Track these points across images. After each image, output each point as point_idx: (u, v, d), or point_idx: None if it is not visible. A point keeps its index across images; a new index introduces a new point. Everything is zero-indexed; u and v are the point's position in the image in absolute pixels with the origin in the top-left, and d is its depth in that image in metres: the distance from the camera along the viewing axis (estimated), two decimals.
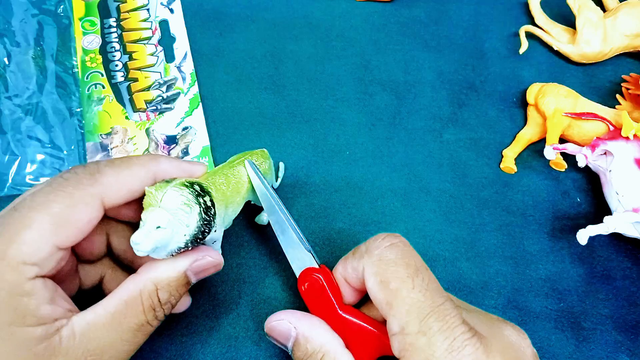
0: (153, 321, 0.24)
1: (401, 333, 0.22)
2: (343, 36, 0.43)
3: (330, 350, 0.24)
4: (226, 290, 0.32)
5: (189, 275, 0.25)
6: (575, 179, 0.38)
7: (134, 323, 0.23)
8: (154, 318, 0.24)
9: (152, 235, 0.23)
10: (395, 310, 0.23)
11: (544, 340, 0.32)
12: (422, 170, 0.38)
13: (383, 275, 0.24)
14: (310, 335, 0.25)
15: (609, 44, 0.42)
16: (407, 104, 0.41)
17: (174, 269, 0.25)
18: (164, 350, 0.30)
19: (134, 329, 0.23)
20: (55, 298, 0.23)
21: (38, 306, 0.22)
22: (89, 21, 0.41)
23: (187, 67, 0.40)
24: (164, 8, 0.43)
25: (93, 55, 0.40)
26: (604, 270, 0.35)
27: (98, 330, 0.23)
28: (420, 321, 0.22)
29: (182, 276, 0.25)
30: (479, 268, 0.34)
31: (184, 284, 0.25)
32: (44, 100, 0.38)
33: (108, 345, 0.23)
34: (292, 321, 0.26)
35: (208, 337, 0.31)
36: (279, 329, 0.26)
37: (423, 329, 0.22)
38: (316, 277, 0.27)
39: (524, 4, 0.47)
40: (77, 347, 0.22)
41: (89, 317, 0.23)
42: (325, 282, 0.27)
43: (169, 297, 0.25)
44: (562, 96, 0.38)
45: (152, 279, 0.24)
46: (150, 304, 0.24)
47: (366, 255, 0.25)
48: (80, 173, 0.24)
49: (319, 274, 0.27)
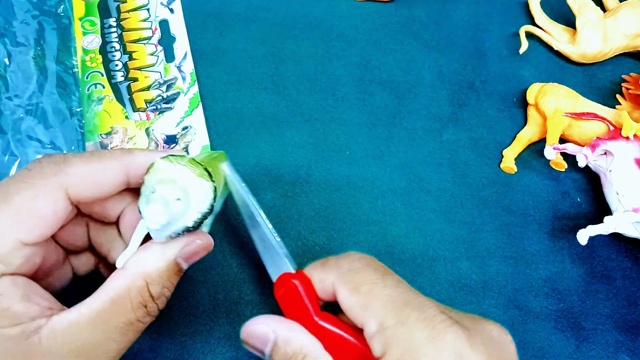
0: (144, 318, 0.23)
1: (380, 330, 0.22)
2: (343, 36, 0.43)
3: (311, 352, 0.24)
4: (226, 290, 0.32)
5: (179, 262, 0.24)
6: (575, 179, 0.38)
7: (122, 322, 0.22)
8: (145, 314, 0.23)
9: (171, 206, 0.22)
10: (370, 310, 0.23)
11: (544, 340, 0.32)
12: (422, 170, 0.38)
13: (353, 282, 0.24)
14: (289, 337, 0.24)
15: (609, 44, 0.42)
16: (407, 104, 0.41)
17: (164, 258, 0.23)
18: (164, 350, 0.30)
19: (123, 328, 0.22)
20: (30, 296, 0.21)
21: (9, 306, 0.20)
22: (89, 21, 0.41)
23: (187, 66, 0.40)
24: (164, 8, 0.43)
25: (93, 55, 0.40)
26: (604, 270, 0.35)
27: (82, 330, 0.21)
28: (397, 313, 0.22)
29: (173, 264, 0.23)
30: (479, 268, 0.34)
31: (176, 272, 0.24)
32: (44, 100, 0.38)
33: (94, 345, 0.21)
34: (270, 325, 0.25)
35: (208, 337, 0.31)
36: (257, 334, 0.25)
37: (401, 319, 0.22)
38: (292, 283, 0.26)
39: (524, 4, 0.47)
40: (59, 347, 0.21)
41: (72, 316, 0.21)
42: (302, 288, 0.26)
43: (161, 289, 0.23)
44: (562, 96, 0.38)
45: (141, 273, 0.23)
46: (139, 301, 0.22)
47: (335, 269, 0.25)
48: (45, 163, 0.22)
49: (295, 280, 0.26)
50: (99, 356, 0.22)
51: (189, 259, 0.24)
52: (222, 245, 0.34)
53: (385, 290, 0.23)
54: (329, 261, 0.26)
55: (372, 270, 0.24)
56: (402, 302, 0.22)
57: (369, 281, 0.24)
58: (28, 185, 0.21)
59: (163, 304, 0.24)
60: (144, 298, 0.23)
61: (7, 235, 0.21)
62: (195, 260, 0.25)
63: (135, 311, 0.22)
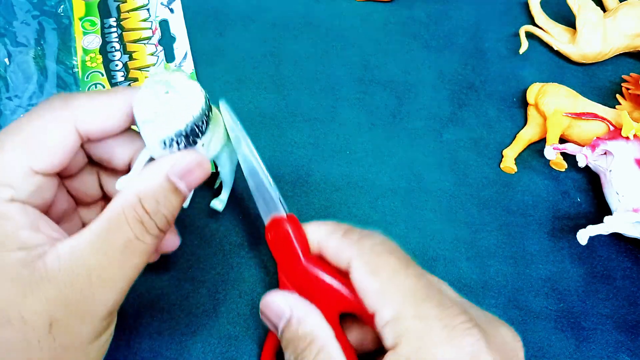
0: (143, 236, 0.22)
1: (395, 319, 0.22)
2: (343, 36, 0.43)
3: (320, 337, 0.24)
4: (226, 290, 0.32)
5: (173, 180, 0.23)
6: (575, 179, 0.38)
7: (121, 241, 0.22)
8: (143, 232, 0.22)
9: (161, 98, 0.23)
10: (387, 297, 0.22)
11: (544, 340, 0.32)
12: (422, 170, 0.38)
13: (374, 264, 0.23)
14: (304, 318, 0.24)
15: (609, 44, 0.42)
16: (407, 104, 0.41)
17: (155, 176, 0.23)
18: (164, 350, 0.30)
19: (122, 247, 0.22)
20: (39, 225, 0.21)
21: (16, 230, 0.21)
22: (89, 21, 0.41)
23: (187, 67, 0.40)
24: (164, 8, 0.43)
25: (93, 55, 0.40)
26: (604, 270, 0.35)
27: (84, 252, 0.21)
28: (417, 306, 0.22)
29: (166, 181, 0.23)
30: (479, 268, 0.34)
31: (171, 191, 0.23)
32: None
33: (96, 268, 0.21)
34: (288, 301, 0.25)
35: (208, 337, 0.31)
36: (274, 307, 0.25)
37: (420, 314, 0.21)
38: (283, 226, 0.26)
39: (524, 4, 0.47)
40: (63, 272, 0.21)
41: (74, 241, 0.21)
42: (293, 232, 0.26)
43: (156, 205, 0.22)
44: (562, 96, 0.38)
45: (133, 192, 0.22)
46: (134, 216, 0.22)
47: (357, 246, 0.24)
48: (54, 98, 0.23)
49: (287, 223, 0.26)
50: (102, 281, 0.21)
51: (183, 177, 0.23)
52: (222, 245, 0.34)
53: (407, 280, 0.23)
54: (350, 234, 0.25)
55: (395, 257, 0.24)
56: (423, 296, 0.22)
57: (390, 268, 0.23)
58: (38, 117, 0.22)
59: (163, 223, 0.23)
60: (138, 214, 0.22)
61: (17, 161, 0.21)
62: (193, 182, 0.24)
63: (132, 228, 0.22)
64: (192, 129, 0.24)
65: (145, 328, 0.31)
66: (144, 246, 0.22)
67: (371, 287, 0.23)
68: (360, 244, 0.24)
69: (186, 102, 0.24)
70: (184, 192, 0.24)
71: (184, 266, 0.33)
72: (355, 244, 0.24)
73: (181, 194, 0.23)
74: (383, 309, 0.22)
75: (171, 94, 0.23)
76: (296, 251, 0.26)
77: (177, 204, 0.24)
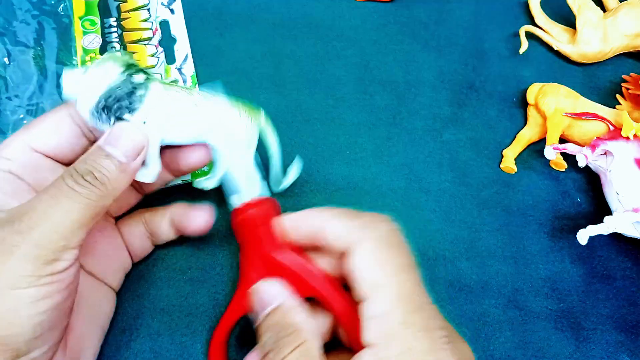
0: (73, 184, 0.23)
1: (382, 318, 0.22)
2: (343, 36, 0.43)
3: (305, 330, 0.24)
4: (226, 290, 0.32)
5: (102, 147, 0.25)
6: (575, 179, 0.38)
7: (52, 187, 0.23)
8: (73, 182, 0.23)
9: (82, 76, 0.25)
10: (383, 293, 0.23)
11: (544, 340, 0.32)
12: (422, 170, 0.38)
13: (381, 255, 0.24)
14: (293, 310, 0.25)
15: (609, 44, 0.42)
16: (407, 104, 0.41)
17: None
18: (164, 350, 0.30)
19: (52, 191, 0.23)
20: (22, 195, 0.24)
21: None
22: (89, 20, 0.41)
23: (188, 69, 0.40)
24: (165, 8, 0.43)
25: (93, 55, 0.40)
26: (604, 270, 0.35)
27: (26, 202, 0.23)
28: (407, 313, 0.22)
29: (96, 149, 0.25)
30: (479, 268, 0.34)
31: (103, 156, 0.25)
32: (45, 100, 0.38)
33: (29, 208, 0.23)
34: (281, 292, 0.26)
35: (208, 337, 0.31)
36: (266, 292, 0.26)
37: (408, 321, 0.22)
38: (253, 209, 0.27)
39: (524, 4, 0.47)
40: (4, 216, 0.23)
41: None
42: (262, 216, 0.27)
43: (84, 165, 0.24)
44: (562, 96, 0.38)
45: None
46: (67, 173, 0.24)
47: (366, 230, 0.24)
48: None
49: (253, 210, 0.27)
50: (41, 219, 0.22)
51: (110, 142, 0.25)
52: (222, 245, 0.34)
53: (407, 283, 0.23)
54: (359, 216, 0.25)
55: (402, 255, 0.24)
56: (416, 304, 0.23)
57: (395, 265, 0.23)
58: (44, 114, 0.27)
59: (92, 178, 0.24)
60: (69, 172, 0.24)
61: (20, 140, 0.26)
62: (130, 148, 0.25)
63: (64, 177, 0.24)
64: (105, 102, 0.26)
65: (146, 329, 0.31)
66: (77, 195, 0.23)
67: (371, 277, 0.23)
68: (371, 229, 0.24)
69: (100, 77, 0.26)
70: (114, 155, 0.25)
71: (184, 266, 0.33)
72: (364, 228, 0.25)
73: (114, 159, 0.25)
74: (375, 301, 0.23)
75: (89, 71, 0.26)
76: (266, 235, 0.26)
77: (112, 168, 0.24)
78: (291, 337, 0.24)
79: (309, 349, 0.23)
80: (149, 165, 0.27)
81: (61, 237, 0.22)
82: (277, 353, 0.23)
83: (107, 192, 0.24)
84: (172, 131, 0.27)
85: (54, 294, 0.22)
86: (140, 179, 0.27)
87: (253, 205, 0.27)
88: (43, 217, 0.22)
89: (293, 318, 0.25)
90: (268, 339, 0.24)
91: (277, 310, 0.25)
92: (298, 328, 0.24)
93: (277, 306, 0.25)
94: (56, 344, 0.24)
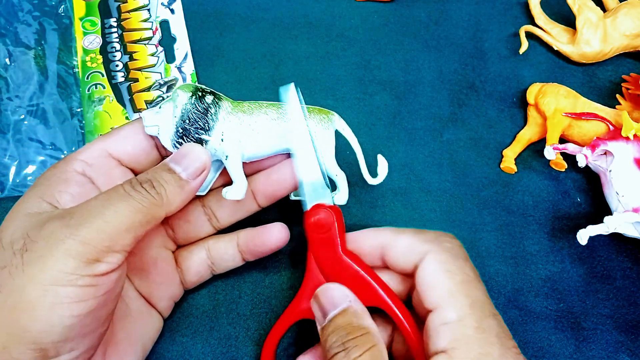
0: (130, 190, 0.24)
1: (457, 324, 0.23)
2: (343, 36, 0.43)
3: (374, 333, 0.24)
4: (226, 290, 0.32)
5: (165, 161, 0.26)
6: (575, 179, 0.38)
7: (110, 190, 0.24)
8: (130, 187, 0.24)
9: (163, 107, 0.27)
10: (456, 300, 0.23)
11: (544, 340, 0.32)
12: (422, 170, 0.38)
13: (451, 265, 0.24)
14: (362, 314, 0.25)
15: (609, 44, 0.42)
16: (407, 104, 0.41)
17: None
18: (164, 350, 0.30)
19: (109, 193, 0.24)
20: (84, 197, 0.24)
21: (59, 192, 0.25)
22: (89, 21, 0.41)
23: (188, 68, 0.40)
24: (165, 8, 0.43)
25: (93, 55, 0.40)
26: (604, 270, 0.35)
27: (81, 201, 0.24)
28: (481, 319, 0.23)
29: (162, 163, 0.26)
30: (479, 268, 0.34)
31: (165, 170, 0.25)
32: (45, 100, 0.38)
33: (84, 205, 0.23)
34: (349, 295, 0.26)
35: (208, 337, 0.31)
36: (333, 294, 0.26)
37: (483, 326, 0.22)
38: (328, 214, 0.27)
39: (524, 4, 0.47)
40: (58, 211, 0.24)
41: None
42: (337, 222, 0.27)
43: (145, 175, 0.25)
44: (562, 96, 0.38)
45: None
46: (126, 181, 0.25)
47: (434, 243, 0.25)
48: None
49: (332, 212, 0.27)
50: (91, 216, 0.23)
51: (179, 162, 0.26)
52: None
53: (478, 292, 0.24)
54: (424, 232, 0.26)
55: (469, 266, 0.25)
56: (489, 312, 0.23)
57: (465, 274, 0.24)
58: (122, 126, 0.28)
59: (149, 186, 0.24)
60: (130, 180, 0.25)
61: (98, 147, 0.27)
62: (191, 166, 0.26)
63: (123, 184, 0.24)
64: (183, 127, 0.27)
65: None
66: (132, 200, 0.23)
67: (443, 285, 0.24)
68: (438, 243, 0.25)
69: (173, 108, 0.27)
70: (175, 170, 0.26)
71: None
72: (431, 242, 0.25)
73: (176, 174, 0.25)
74: (448, 308, 0.23)
75: (162, 107, 0.28)
76: (336, 240, 0.27)
77: (172, 180, 0.25)
78: (362, 339, 0.24)
79: (380, 353, 0.23)
80: (236, 182, 0.28)
81: (107, 237, 0.22)
82: (346, 355, 0.23)
83: (161, 202, 0.24)
84: (251, 146, 0.28)
85: (90, 298, 0.22)
86: (230, 197, 0.28)
87: (327, 208, 0.28)
88: (93, 215, 0.22)
89: (363, 321, 0.25)
90: (335, 341, 0.24)
91: (347, 312, 0.25)
92: (369, 331, 0.24)
93: (346, 307, 0.25)
94: (88, 351, 0.23)
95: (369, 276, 0.26)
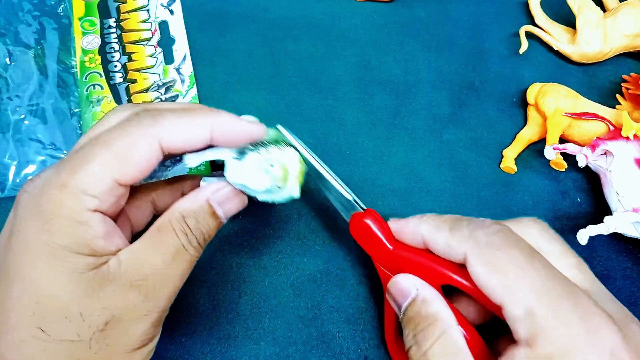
0: (188, 246, 0.24)
1: (528, 316, 0.21)
2: (343, 36, 0.43)
3: (442, 319, 0.24)
4: (226, 290, 0.32)
5: (212, 204, 0.25)
6: (575, 179, 0.38)
7: (172, 245, 0.24)
8: (188, 242, 0.24)
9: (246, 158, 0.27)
10: (515, 293, 0.22)
11: None
12: (422, 170, 0.38)
13: (495, 260, 0.23)
14: (429, 300, 0.25)
15: (609, 44, 0.42)
16: (407, 104, 0.41)
17: (197, 199, 0.25)
18: (164, 350, 0.30)
19: (172, 252, 0.24)
20: (112, 235, 0.23)
21: (93, 238, 0.22)
22: (88, 21, 0.41)
23: (186, 69, 0.40)
24: (164, 9, 0.43)
25: (92, 55, 0.40)
26: (604, 270, 0.35)
27: (140, 256, 0.23)
28: (549, 302, 0.21)
29: (206, 204, 0.25)
30: None
31: (210, 214, 0.25)
32: (45, 100, 0.38)
33: (151, 270, 0.23)
34: (416, 283, 0.26)
35: (208, 337, 0.31)
36: (402, 286, 0.26)
37: (556, 311, 0.21)
38: (362, 220, 0.28)
39: (524, 4, 0.47)
40: (122, 275, 0.22)
41: (131, 247, 0.24)
42: (373, 223, 0.28)
43: (196, 224, 0.25)
44: (562, 96, 0.38)
45: (178, 209, 0.25)
46: (180, 228, 0.24)
47: (471, 240, 0.24)
48: (142, 115, 0.24)
49: (364, 217, 0.28)
50: (157, 282, 0.23)
51: (223, 205, 0.26)
52: (222, 245, 0.34)
53: (537, 276, 0.22)
54: (459, 227, 0.25)
55: (517, 250, 0.23)
56: (554, 291, 0.22)
57: (515, 264, 0.22)
58: (128, 134, 0.23)
59: (202, 240, 0.25)
60: (182, 226, 0.24)
61: (107, 174, 0.23)
62: (231, 211, 0.26)
63: (179, 237, 0.24)
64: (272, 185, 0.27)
65: None
66: (189, 256, 0.24)
67: (495, 285, 0.22)
68: (474, 239, 0.24)
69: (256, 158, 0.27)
70: (220, 216, 0.26)
71: None
72: (468, 240, 0.24)
73: (218, 219, 0.26)
74: (512, 304, 0.22)
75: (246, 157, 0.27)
76: (380, 240, 0.28)
77: (213, 227, 0.26)
78: (429, 329, 0.23)
79: (450, 340, 0.23)
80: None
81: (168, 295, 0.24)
82: (418, 348, 0.23)
83: None
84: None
85: None
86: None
87: (359, 216, 0.29)
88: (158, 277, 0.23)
89: (429, 308, 0.24)
90: (408, 334, 0.24)
91: (415, 302, 0.25)
92: (436, 318, 0.24)
93: (414, 297, 0.25)
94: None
95: (425, 259, 0.26)
